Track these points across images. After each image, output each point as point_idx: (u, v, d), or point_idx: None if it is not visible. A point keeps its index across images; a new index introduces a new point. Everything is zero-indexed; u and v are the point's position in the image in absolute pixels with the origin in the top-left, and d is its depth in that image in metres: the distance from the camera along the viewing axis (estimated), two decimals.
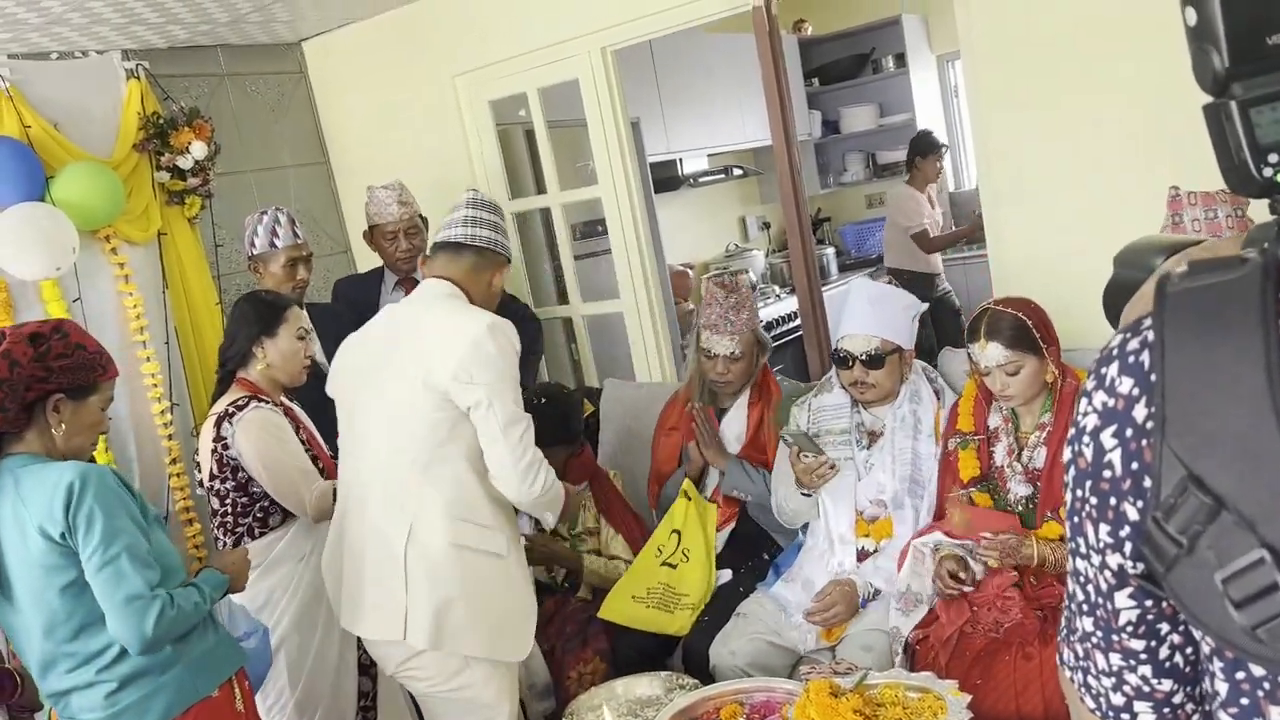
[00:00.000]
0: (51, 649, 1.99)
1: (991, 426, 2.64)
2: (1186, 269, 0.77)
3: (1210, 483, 0.72)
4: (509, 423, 2.26)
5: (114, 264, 3.64)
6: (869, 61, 6.64)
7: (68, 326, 2.03)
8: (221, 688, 2.10)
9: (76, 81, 3.64)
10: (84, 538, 1.90)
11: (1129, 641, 0.85)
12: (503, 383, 2.27)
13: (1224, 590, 0.71)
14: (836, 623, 2.64)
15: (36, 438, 1.99)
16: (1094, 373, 0.83)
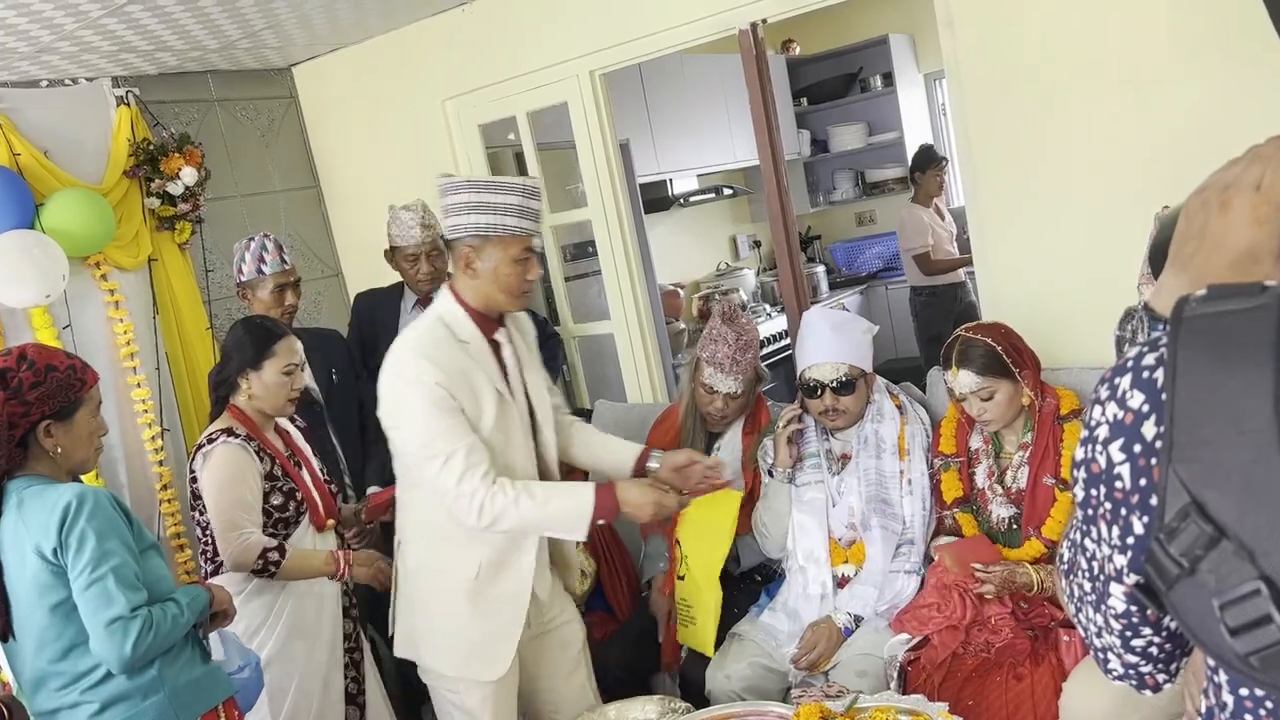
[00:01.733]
0: (42, 667, 2.01)
1: (973, 448, 2.67)
2: (1205, 293, 0.78)
3: (1212, 511, 0.73)
4: (419, 461, 2.24)
5: (104, 290, 3.64)
6: (857, 80, 6.68)
7: (31, 353, 2.01)
8: (204, 718, 2.08)
9: (66, 108, 3.65)
10: (74, 557, 1.92)
11: (1112, 622, 0.88)
12: (400, 419, 2.24)
13: (1220, 616, 0.72)
14: (822, 660, 2.65)
15: (38, 463, 2.02)
16: (1108, 381, 0.83)
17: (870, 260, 6.85)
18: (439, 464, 2.20)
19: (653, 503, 2.31)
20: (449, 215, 2.27)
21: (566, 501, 2.29)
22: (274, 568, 2.52)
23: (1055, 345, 2.86)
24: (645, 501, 2.31)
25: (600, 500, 2.27)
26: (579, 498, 2.29)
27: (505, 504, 2.21)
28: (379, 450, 3.39)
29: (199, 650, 2.15)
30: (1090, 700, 2.10)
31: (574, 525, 2.28)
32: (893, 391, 2.90)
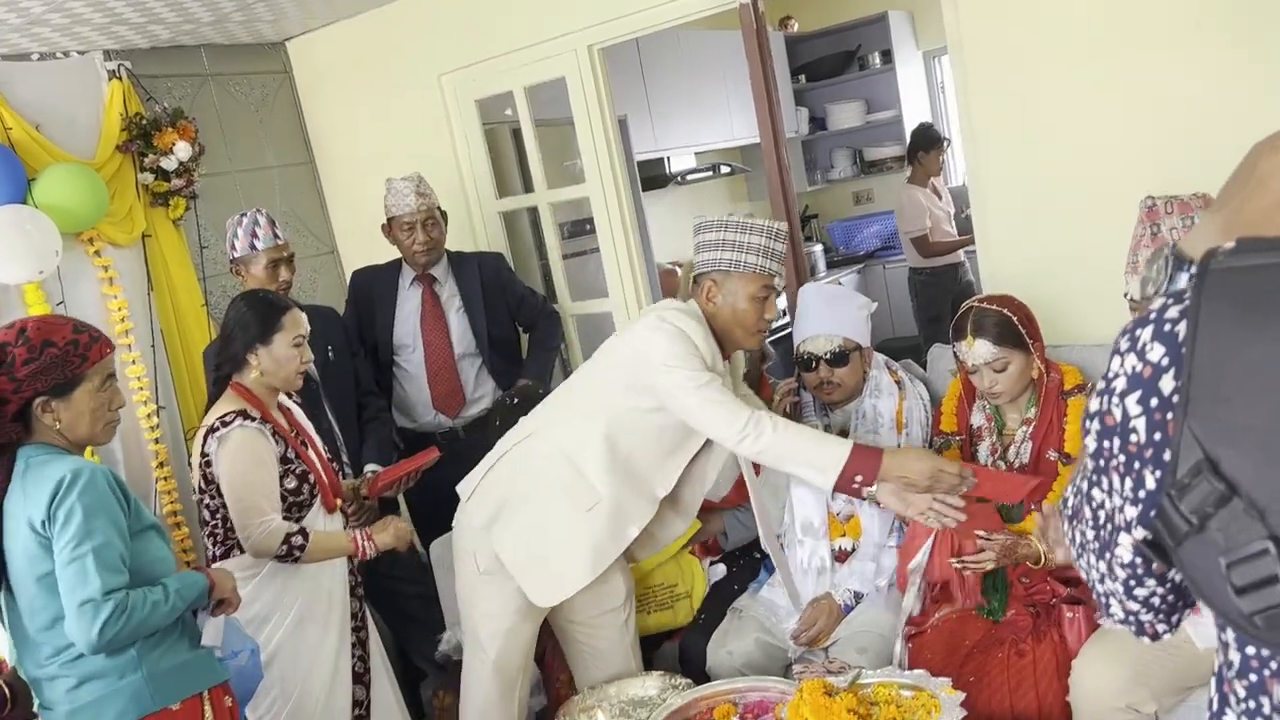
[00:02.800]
0: (30, 635, 2.02)
1: (974, 425, 2.66)
2: (1234, 245, 0.76)
3: (1225, 468, 0.72)
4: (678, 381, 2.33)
5: (98, 266, 3.61)
6: (855, 58, 6.64)
7: (30, 328, 1.99)
8: (185, 703, 2.04)
9: (58, 82, 3.60)
10: (59, 531, 1.91)
11: (1117, 570, 0.88)
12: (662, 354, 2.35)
13: (1227, 574, 0.71)
14: (822, 636, 2.66)
15: (42, 435, 2.01)
16: (1129, 332, 0.82)
17: (868, 239, 6.83)
18: (703, 381, 2.27)
19: (929, 472, 2.22)
20: (700, 252, 2.45)
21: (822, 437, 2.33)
22: (299, 552, 2.49)
23: (1055, 323, 2.85)
24: (923, 467, 2.22)
25: (858, 456, 2.22)
26: (835, 441, 2.29)
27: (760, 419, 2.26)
28: (376, 428, 3.39)
29: (189, 634, 2.12)
30: (1100, 676, 2.11)
31: (828, 462, 2.23)
32: (892, 368, 2.89)
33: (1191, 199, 2.15)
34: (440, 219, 3.52)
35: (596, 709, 2.45)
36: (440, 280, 3.56)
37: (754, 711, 2.23)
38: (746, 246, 2.38)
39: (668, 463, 2.45)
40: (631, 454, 2.41)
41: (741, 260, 2.38)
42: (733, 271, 2.39)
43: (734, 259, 2.39)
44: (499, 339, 3.60)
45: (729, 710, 2.23)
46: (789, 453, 2.26)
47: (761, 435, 2.24)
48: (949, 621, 2.47)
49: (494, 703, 2.56)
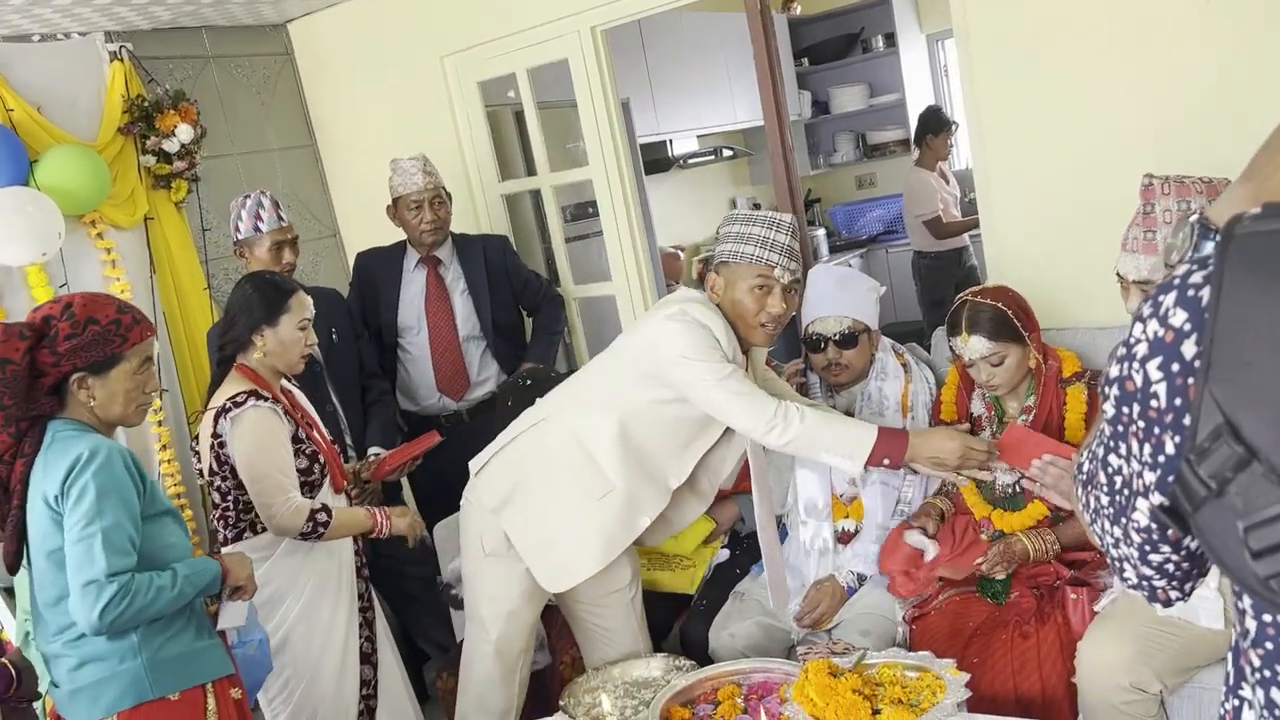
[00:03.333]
0: (40, 611, 2.03)
1: (975, 414, 2.66)
2: (1260, 211, 0.76)
3: (1245, 433, 0.72)
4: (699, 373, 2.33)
5: (100, 249, 3.61)
6: (858, 41, 6.61)
7: (76, 304, 2.00)
8: (186, 693, 2.02)
9: (59, 64, 3.59)
10: (71, 509, 1.91)
11: (1132, 533, 0.89)
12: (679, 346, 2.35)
13: (1244, 539, 0.71)
14: (825, 618, 2.66)
15: (76, 410, 2.02)
16: (1152, 298, 0.82)
17: (871, 223, 6.82)
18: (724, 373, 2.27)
19: (958, 451, 2.28)
20: (717, 245, 2.48)
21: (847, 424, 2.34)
22: (323, 528, 2.49)
23: (1060, 306, 2.84)
24: (952, 447, 2.28)
25: (884, 440, 2.26)
26: (860, 426, 2.32)
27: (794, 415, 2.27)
28: (380, 411, 3.39)
29: (195, 624, 2.10)
30: (1105, 655, 2.11)
31: (853, 448, 2.27)
32: (898, 351, 2.89)
33: (1193, 182, 2.13)
34: (446, 199, 3.51)
35: (600, 690, 2.45)
36: (445, 262, 3.55)
37: (758, 692, 2.23)
38: (746, 237, 2.36)
39: (684, 455, 2.45)
40: (645, 445, 2.40)
41: (739, 251, 2.36)
42: (731, 262, 2.38)
43: (733, 249, 2.38)
44: (503, 322, 3.59)
45: (734, 691, 2.24)
46: (817, 441, 2.27)
47: (790, 426, 2.25)
48: (952, 604, 2.48)
49: (495, 684, 2.58)
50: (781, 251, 2.36)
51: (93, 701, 1.98)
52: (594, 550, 2.45)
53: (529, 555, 2.47)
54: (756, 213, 2.41)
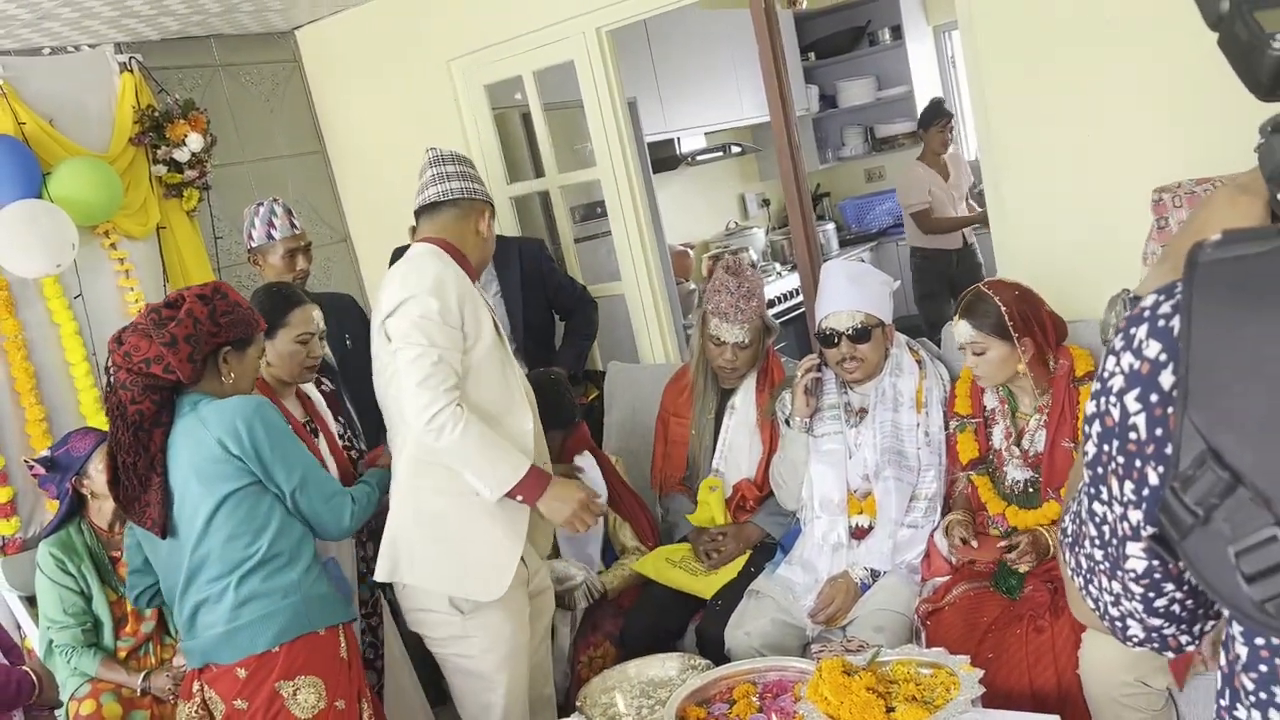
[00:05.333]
0: (202, 554, 2.17)
1: (988, 408, 2.66)
2: (1220, 238, 0.76)
3: (1229, 458, 0.72)
4: (399, 345, 2.27)
5: (114, 259, 3.64)
6: (865, 34, 6.59)
7: (224, 288, 2.29)
8: (329, 630, 2.23)
9: (70, 76, 3.62)
10: (278, 458, 2.17)
11: (1130, 584, 0.87)
12: (405, 308, 2.27)
13: (1236, 564, 0.72)
14: (839, 615, 2.67)
15: (209, 383, 2.22)
16: (1124, 331, 0.82)
17: (880, 217, 6.80)
18: (414, 353, 2.24)
19: (573, 512, 2.37)
20: (450, 180, 2.49)
21: (501, 454, 2.31)
22: None
23: (1071, 297, 2.83)
24: (568, 505, 2.37)
25: (529, 480, 2.32)
26: (513, 461, 2.32)
27: (461, 425, 2.24)
28: None
29: (327, 574, 2.32)
30: (1108, 651, 2.11)
31: (494, 477, 2.30)
32: (912, 347, 2.89)
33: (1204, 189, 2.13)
34: None
35: (616, 690, 2.46)
36: None
37: (773, 691, 2.24)
38: (479, 180, 2.58)
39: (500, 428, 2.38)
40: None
41: (484, 192, 2.57)
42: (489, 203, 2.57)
43: (482, 190, 2.56)
44: (535, 324, 3.61)
45: (748, 690, 2.24)
46: (465, 458, 2.30)
47: (445, 433, 2.26)
48: (967, 599, 2.48)
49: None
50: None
51: (256, 635, 2.15)
52: (501, 535, 2.39)
53: (454, 585, 2.39)
54: (451, 153, 2.55)
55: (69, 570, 2.74)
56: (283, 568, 2.18)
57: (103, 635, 2.78)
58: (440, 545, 2.38)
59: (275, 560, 2.18)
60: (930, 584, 2.63)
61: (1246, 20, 0.79)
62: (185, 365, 2.13)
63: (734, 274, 2.99)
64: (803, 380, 2.82)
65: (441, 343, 2.27)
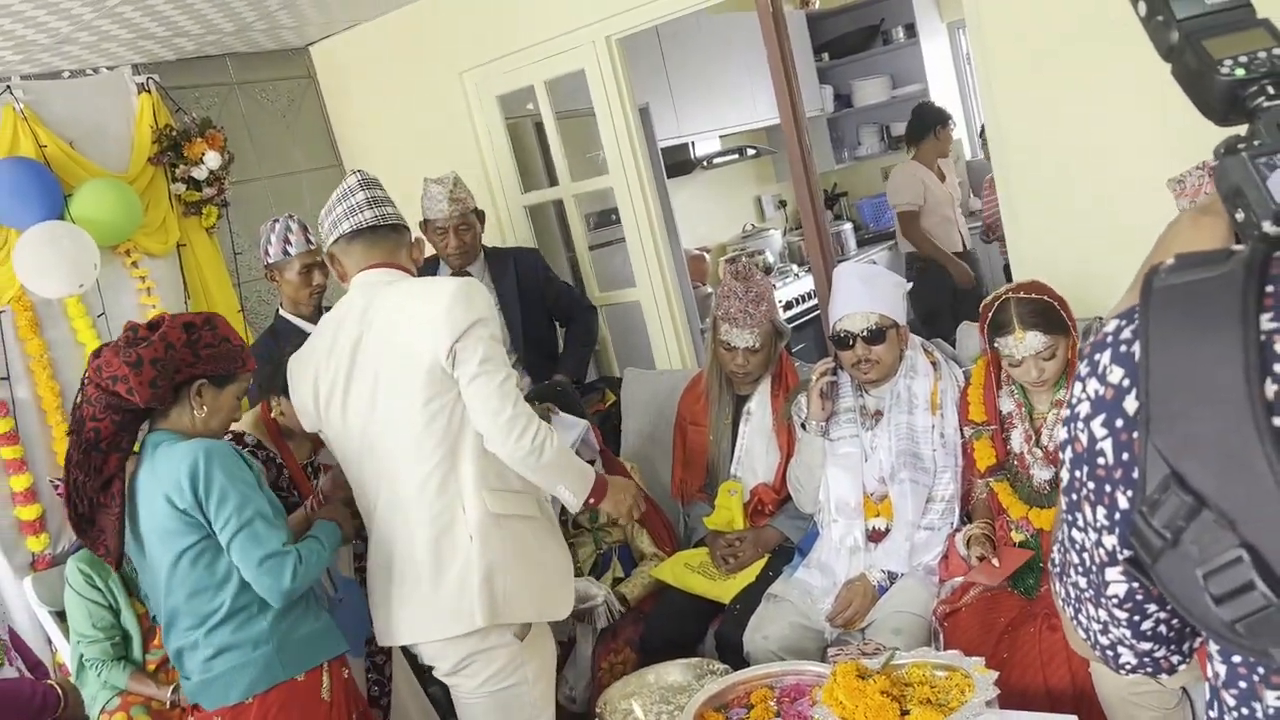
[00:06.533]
0: (173, 605, 2.14)
1: (1004, 412, 2.64)
2: (1174, 263, 0.77)
3: (1192, 482, 0.73)
4: (484, 370, 2.14)
5: (135, 277, 3.69)
6: (879, 33, 6.58)
7: (217, 321, 2.21)
8: (309, 673, 2.17)
9: (89, 98, 3.68)
10: (217, 508, 2.04)
11: (1114, 609, 0.87)
12: (476, 331, 2.15)
13: (1204, 585, 0.72)
14: (857, 618, 2.67)
15: (178, 417, 2.15)
16: (1088, 358, 0.83)
17: None
18: (502, 375, 2.15)
19: (632, 502, 2.43)
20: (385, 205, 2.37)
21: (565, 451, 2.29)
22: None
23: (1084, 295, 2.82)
24: (628, 497, 2.42)
25: (599, 480, 2.35)
26: (584, 467, 2.33)
27: (545, 434, 2.18)
28: None
29: (313, 607, 2.24)
30: None
31: (581, 485, 2.29)
32: (927, 348, 2.89)
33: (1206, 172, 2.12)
34: (476, 220, 3.55)
35: (635, 696, 2.48)
36: (475, 277, 3.59)
37: (790, 695, 2.25)
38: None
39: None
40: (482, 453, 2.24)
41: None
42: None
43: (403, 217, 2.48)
44: (534, 334, 3.62)
45: (766, 694, 2.25)
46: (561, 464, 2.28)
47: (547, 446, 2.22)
48: (984, 599, 2.48)
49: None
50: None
51: (228, 687, 2.12)
52: (559, 548, 2.40)
53: (537, 613, 2.35)
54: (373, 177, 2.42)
55: (97, 585, 2.78)
56: (253, 618, 2.13)
57: (132, 649, 2.82)
58: (532, 572, 2.29)
59: (243, 612, 2.13)
60: (948, 585, 2.62)
61: (1195, 49, 0.81)
62: (144, 389, 2.04)
63: (742, 279, 3.00)
64: (818, 384, 2.82)
65: (509, 364, 2.23)
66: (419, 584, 2.24)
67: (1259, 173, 0.78)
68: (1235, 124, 0.83)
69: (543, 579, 2.32)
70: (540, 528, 2.33)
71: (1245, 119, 0.81)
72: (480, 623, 2.19)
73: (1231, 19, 0.83)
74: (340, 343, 2.27)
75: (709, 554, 3.06)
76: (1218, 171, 0.80)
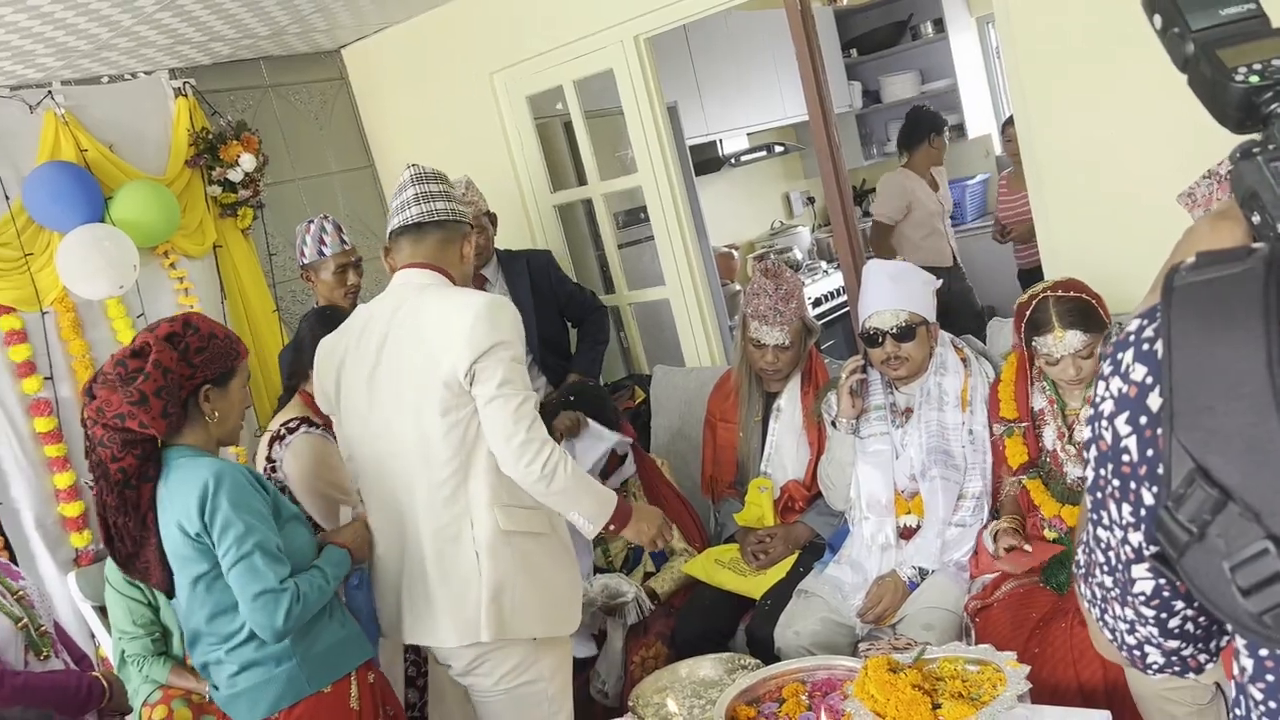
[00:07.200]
0: (194, 627, 2.13)
1: (1036, 409, 2.63)
2: (1194, 261, 0.78)
3: (1217, 475, 0.74)
4: (501, 392, 2.14)
5: (174, 278, 3.76)
6: (907, 28, 6.56)
7: (195, 320, 2.12)
8: (336, 684, 2.15)
9: (128, 103, 3.75)
10: (219, 536, 2.00)
11: (1141, 608, 0.88)
12: (497, 352, 2.16)
13: (1231, 577, 0.73)
14: (888, 614, 2.68)
15: (192, 431, 2.10)
16: (1110, 357, 0.84)
17: None
18: (519, 400, 2.15)
19: (657, 530, 2.42)
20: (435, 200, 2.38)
21: (584, 478, 2.28)
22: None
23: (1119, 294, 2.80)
24: (652, 526, 2.40)
25: (620, 507, 2.32)
26: (605, 494, 2.32)
27: (559, 460, 2.17)
28: None
29: (338, 614, 2.22)
30: None
31: (597, 511, 2.28)
32: (957, 345, 2.89)
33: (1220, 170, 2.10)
34: (489, 224, 3.57)
35: (668, 691, 2.50)
36: (490, 280, 3.62)
37: (822, 689, 2.25)
38: (458, 199, 2.50)
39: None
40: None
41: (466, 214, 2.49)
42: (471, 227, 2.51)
43: (464, 213, 2.49)
44: (548, 335, 3.65)
45: (798, 689, 2.26)
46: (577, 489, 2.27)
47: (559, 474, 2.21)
48: (1016, 595, 2.47)
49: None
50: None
51: (254, 704, 2.10)
52: (574, 570, 2.42)
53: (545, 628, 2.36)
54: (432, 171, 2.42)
55: (135, 583, 2.84)
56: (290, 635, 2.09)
57: (172, 644, 2.86)
58: (540, 589, 2.30)
59: None
60: (979, 581, 2.62)
61: (1210, 59, 0.83)
62: (158, 421, 2.00)
63: (772, 276, 3.01)
64: (847, 381, 2.82)
65: (530, 386, 2.22)
66: (425, 592, 2.28)
67: (1274, 176, 0.79)
68: (1250, 130, 0.84)
69: (551, 595, 2.33)
70: (551, 545, 2.33)
71: (1260, 125, 0.83)
72: (486, 638, 2.23)
73: (1246, 29, 0.84)
74: (367, 340, 2.30)
75: (739, 550, 3.07)
76: (1233, 176, 0.82)
